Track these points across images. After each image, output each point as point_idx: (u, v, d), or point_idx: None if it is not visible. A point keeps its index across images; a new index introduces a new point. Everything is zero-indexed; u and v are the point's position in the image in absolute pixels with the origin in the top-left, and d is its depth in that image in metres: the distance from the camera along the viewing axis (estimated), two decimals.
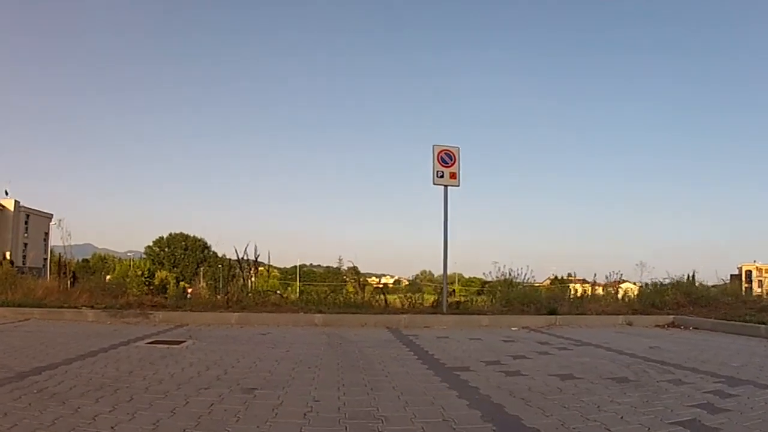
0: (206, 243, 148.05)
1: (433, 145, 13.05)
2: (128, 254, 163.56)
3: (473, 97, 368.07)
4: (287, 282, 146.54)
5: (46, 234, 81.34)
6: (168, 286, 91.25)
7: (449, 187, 13.56)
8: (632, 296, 17.62)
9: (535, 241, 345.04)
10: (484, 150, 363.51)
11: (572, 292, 18.36)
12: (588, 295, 16.57)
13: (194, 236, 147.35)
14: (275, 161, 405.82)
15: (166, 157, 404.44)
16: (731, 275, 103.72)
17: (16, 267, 66.07)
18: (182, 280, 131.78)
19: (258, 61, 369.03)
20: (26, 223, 75.57)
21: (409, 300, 16.05)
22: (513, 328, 12.58)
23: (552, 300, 15.22)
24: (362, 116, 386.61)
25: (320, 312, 13.45)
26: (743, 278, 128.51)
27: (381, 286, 17.19)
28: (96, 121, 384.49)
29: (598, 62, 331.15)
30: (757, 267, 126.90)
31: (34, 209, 78.11)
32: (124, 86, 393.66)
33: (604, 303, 16.05)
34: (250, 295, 15.46)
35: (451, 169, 12.86)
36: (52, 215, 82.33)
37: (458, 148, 13.31)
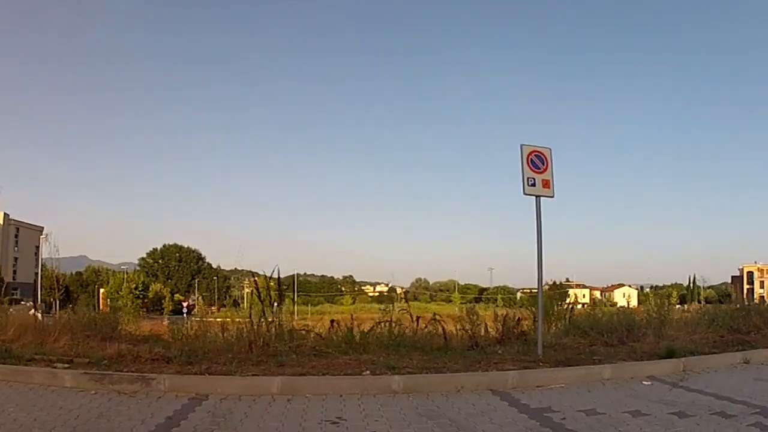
0: (200, 254, 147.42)
1: (521, 145, 10.79)
2: (122, 267, 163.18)
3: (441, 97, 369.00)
4: (283, 293, 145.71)
5: (37, 248, 79.71)
6: (163, 300, 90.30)
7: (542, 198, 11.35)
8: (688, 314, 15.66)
9: (528, 246, 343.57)
10: (480, 151, 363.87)
11: (608, 302, 16.69)
12: (651, 315, 14.49)
13: (188, 247, 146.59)
14: (272, 169, 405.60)
15: (160, 167, 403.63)
16: (732, 277, 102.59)
17: (6, 282, 64.45)
18: (176, 292, 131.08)
19: (246, 60, 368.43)
20: (16, 236, 74.04)
21: (468, 330, 13.24)
22: (645, 382, 10.09)
23: (630, 325, 13.09)
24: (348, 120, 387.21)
25: (395, 371, 9.57)
26: (745, 279, 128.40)
27: (438, 317, 13.64)
28: (89, 131, 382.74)
29: (577, 59, 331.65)
30: (758, 268, 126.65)
31: (24, 222, 76.60)
32: (119, 94, 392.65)
33: (683, 328, 13.68)
34: (279, 335, 11.50)
35: (544, 176, 10.82)
36: (42, 228, 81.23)
37: (549, 149, 11.34)
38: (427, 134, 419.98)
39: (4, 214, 71.78)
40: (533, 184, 10.73)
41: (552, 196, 11.13)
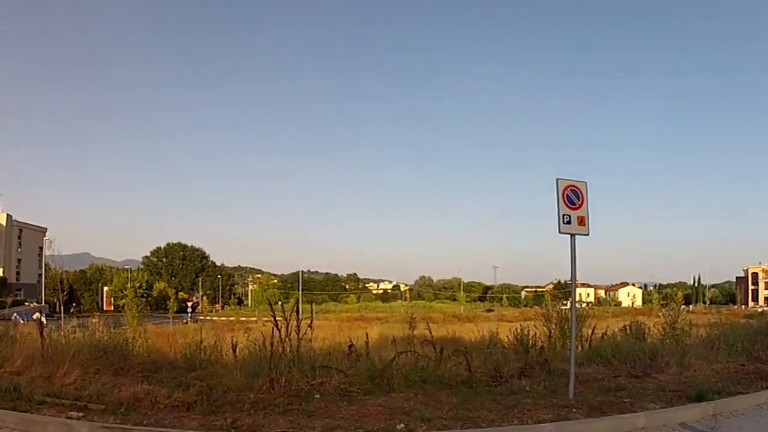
0: (204, 252, 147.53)
1: (557, 179, 10.17)
2: (126, 265, 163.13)
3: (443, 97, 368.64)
4: (287, 291, 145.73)
5: (41, 248, 79.54)
6: (168, 300, 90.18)
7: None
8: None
9: (532, 243, 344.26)
10: (475, 149, 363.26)
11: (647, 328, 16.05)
12: (667, 338, 13.94)
13: (192, 246, 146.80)
14: (276, 167, 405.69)
15: (163, 166, 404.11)
16: (737, 278, 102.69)
17: (9, 283, 64.10)
18: (180, 290, 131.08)
19: (246, 61, 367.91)
20: (19, 237, 73.81)
21: (490, 359, 12.30)
22: None
23: (653, 353, 12.49)
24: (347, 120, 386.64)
25: (429, 424, 8.75)
26: (749, 280, 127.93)
27: (463, 349, 12.73)
28: (92, 129, 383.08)
29: (579, 59, 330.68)
30: (763, 269, 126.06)
31: (27, 223, 76.39)
32: (121, 93, 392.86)
33: (703, 354, 12.90)
34: (301, 371, 10.55)
35: (579, 212, 10.19)
36: (46, 229, 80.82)
37: (585, 183, 10.78)
38: (431, 133, 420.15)
39: (7, 215, 71.63)
40: (568, 222, 10.09)
41: (587, 234, 10.60)
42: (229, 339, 16.25)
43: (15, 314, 43.39)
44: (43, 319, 43.52)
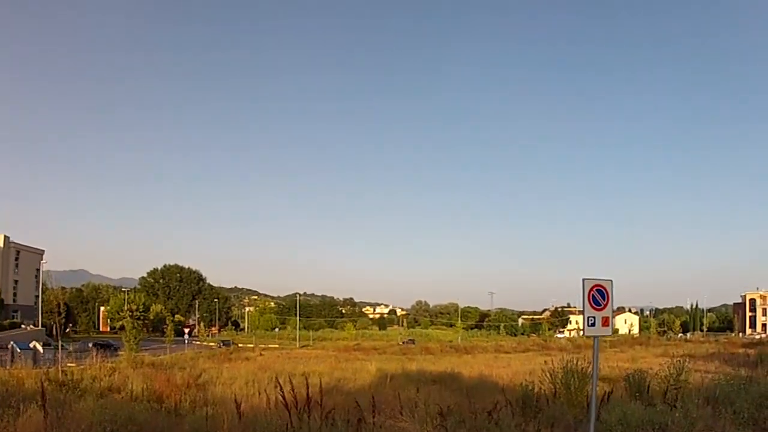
0: (201, 275, 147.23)
1: (583, 280, 10.15)
2: (122, 283, 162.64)
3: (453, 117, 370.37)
4: (284, 316, 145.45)
5: (38, 270, 79.48)
6: (166, 325, 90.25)
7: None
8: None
9: (528, 270, 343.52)
10: (471, 171, 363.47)
11: None
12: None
13: (189, 268, 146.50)
14: (271, 188, 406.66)
15: (161, 185, 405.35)
16: (734, 304, 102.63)
17: (7, 305, 63.75)
18: (177, 312, 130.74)
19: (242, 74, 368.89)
20: (17, 259, 73.63)
21: None
22: None
23: (662, 426, 12.04)
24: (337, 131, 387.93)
25: None
26: (747, 306, 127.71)
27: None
28: (90, 148, 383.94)
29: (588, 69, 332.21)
30: (760, 295, 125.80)
31: (24, 245, 76.36)
32: (118, 110, 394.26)
33: (706, 416, 12.37)
34: None
35: (604, 313, 10.07)
36: (43, 251, 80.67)
37: (611, 281, 10.72)
38: (429, 158, 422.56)
39: (4, 236, 71.59)
40: (593, 324, 9.93)
41: (610, 334, 10.52)
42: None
43: (12, 343, 43.06)
44: (40, 348, 43.52)
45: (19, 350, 42.01)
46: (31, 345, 44.26)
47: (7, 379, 19.62)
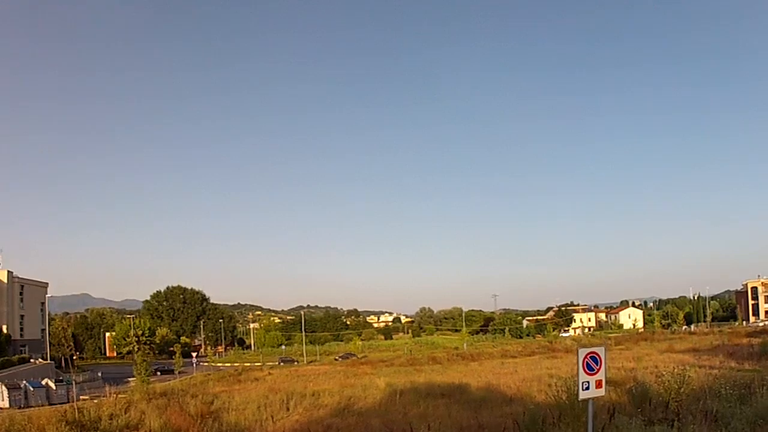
0: (204, 295, 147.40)
1: (578, 349, 11.15)
2: (125, 305, 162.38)
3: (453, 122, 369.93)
4: (289, 333, 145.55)
5: (43, 303, 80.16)
6: (172, 347, 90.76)
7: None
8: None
9: (530, 270, 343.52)
10: (474, 174, 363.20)
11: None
12: None
13: (192, 289, 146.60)
14: (271, 201, 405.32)
15: (160, 205, 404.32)
16: (736, 291, 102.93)
17: (14, 340, 64.10)
18: (182, 334, 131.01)
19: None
20: (21, 293, 74.06)
21: None
22: None
23: None
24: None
25: None
26: (749, 295, 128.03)
27: None
28: (88, 172, 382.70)
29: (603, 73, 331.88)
30: (762, 282, 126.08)
31: (28, 279, 76.87)
32: (114, 129, 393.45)
33: None
34: None
35: (597, 377, 10.90)
36: (47, 284, 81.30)
37: (603, 347, 11.49)
38: (428, 165, 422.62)
39: (8, 272, 72.03)
40: (587, 388, 10.70)
41: (603, 395, 11.24)
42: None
43: (25, 382, 43.28)
44: (53, 385, 43.87)
45: (32, 389, 42.29)
46: (43, 382, 44.51)
47: (25, 425, 19.89)
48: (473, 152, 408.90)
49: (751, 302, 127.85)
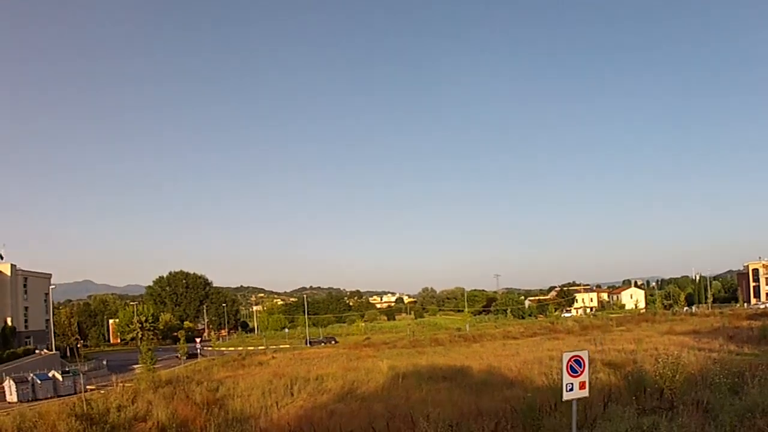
0: (207, 279, 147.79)
1: (563, 353, 11.61)
2: (127, 291, 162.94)
3: (471, 104, 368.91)
4: (292, 315, 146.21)
5: (46, 294, 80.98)
6: (176, 333, 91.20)
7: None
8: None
9: (532, 248, 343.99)
10: (473, 156, 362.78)
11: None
12: None
13: (194, 273, 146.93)
14: (273, 184, 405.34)
15: (159, 185, 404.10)
16: (738, 273, 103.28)
17: (19, 332, 64.61)
18: (186, 319, 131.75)
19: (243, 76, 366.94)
20: (25, 285, 74.70)
21: None
22: None
23: None
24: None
25: None
26: (750, 276, 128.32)
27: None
28: (91, 157, 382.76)
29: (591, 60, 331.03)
30: (763, 264, 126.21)
31: (32, 271, 77.57)
32: (115, 114, 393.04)
33: None
34: None
35: (581, 378, 11.36)
36: (50, 275, 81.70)
37: (587, 351, 11.89)
38: (431, 144, 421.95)
39: (12, 265, 72.64)
40: (571, 390, 11.17)
41: (587, 396, 11.61)
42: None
43: (32, 375, 43.75)
44: (59, 377, 44.37)
45: (39, 381, 42.82)
46: (50, 375, 45.00)
47: (36, 421, 20.19)
48: (475, 134, 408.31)
49: (752, 284, 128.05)
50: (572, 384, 11.12)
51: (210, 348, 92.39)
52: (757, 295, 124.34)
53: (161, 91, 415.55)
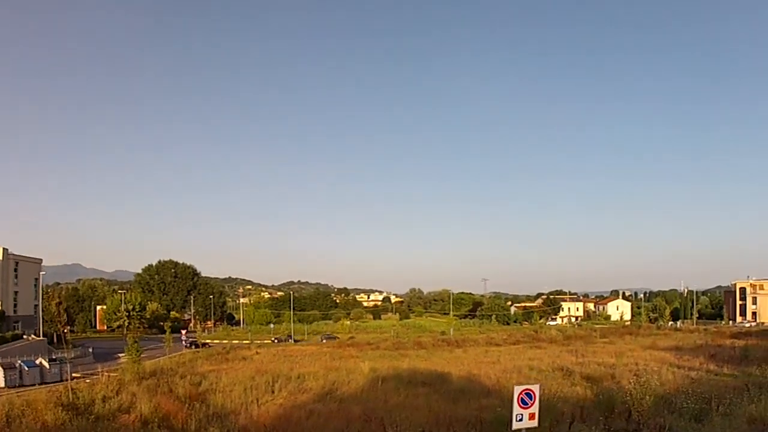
0: (195, 270, 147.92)
1: (514, 386, 12.27)
2: (116, 276, 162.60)
3: (461, 105, 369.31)
4: (278, 311, 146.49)
5: (36, 280, 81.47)
6: (162, 323, 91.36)
7: None
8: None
9: (522, 253, 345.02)
10: (464, 157, 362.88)
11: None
12: None
13: (183, 263, 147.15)
14: (264, 178, 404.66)
15: (153, 176, 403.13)
16: (726, 291, 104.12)
17: (8, 317, 64.55)
18: (173, 309, 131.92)
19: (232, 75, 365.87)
20: (15, 270, 74.70)
21: None
22: None
23: None
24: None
25: None
26: (737, 295, 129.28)
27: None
28: (82, 141, 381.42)
29: (586, 62, 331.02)
30: (750, 284, 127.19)
31: (22, 256, 77.56)
32: (107, 102, 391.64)
33: None
34: None
35: (531, 410, 12.02)
36: (41, 260, 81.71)
37: (539, 385, 12.51)
38: (422, 145, 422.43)
39: (3, 249, 72.64)
40: (521, 420, 11.77)
41: (536, 426, 12.09)
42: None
43: (20, 362, 44.18)
44: (46, 364, 44.83)
45: (27, 368, 43.31)
46: (37, 362, 45.40)
47: (24, 410, 20.58)
48: (468, 135, 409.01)
49: (738, 302, 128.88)
50: (522, 415, 11.79)
51: (194, 339, 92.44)
52: (743, 313, 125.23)
53: (152, 82, 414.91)
